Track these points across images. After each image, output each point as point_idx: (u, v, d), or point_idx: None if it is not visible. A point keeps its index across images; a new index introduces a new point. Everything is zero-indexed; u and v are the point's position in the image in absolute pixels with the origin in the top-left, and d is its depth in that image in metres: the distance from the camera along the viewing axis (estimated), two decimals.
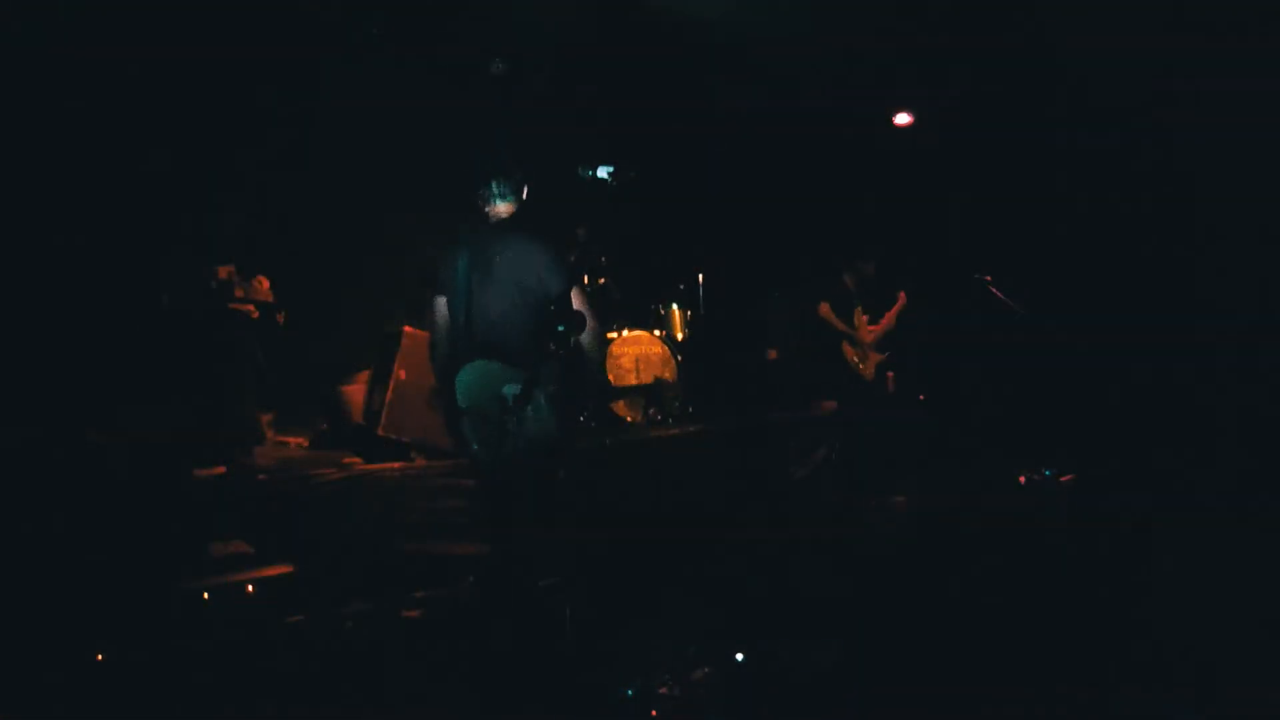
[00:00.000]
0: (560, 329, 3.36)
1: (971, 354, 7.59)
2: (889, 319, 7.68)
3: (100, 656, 3.58)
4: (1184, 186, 7.54)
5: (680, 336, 7.89)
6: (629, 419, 7.31)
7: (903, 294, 7.65)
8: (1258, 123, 6.88)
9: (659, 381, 7.48)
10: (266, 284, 5.43)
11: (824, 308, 7.56)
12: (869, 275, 7.59)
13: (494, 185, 3.87)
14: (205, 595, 4.11)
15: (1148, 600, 4.35)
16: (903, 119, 9.12)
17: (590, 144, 7.67)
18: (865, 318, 7.60)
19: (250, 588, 4.21)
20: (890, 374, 8.52)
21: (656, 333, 7.67)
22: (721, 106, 8.73)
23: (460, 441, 3.76)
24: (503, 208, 3.90)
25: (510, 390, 3.47)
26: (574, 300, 3.69)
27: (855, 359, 7.55)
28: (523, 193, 3.96)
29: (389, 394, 5.81)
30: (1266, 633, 3.79)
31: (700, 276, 8.14)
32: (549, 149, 7.56)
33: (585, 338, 3.63)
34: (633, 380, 7.39)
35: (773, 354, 8.83)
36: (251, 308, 5.36)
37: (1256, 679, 3.43)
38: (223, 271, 5.29)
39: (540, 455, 3.62)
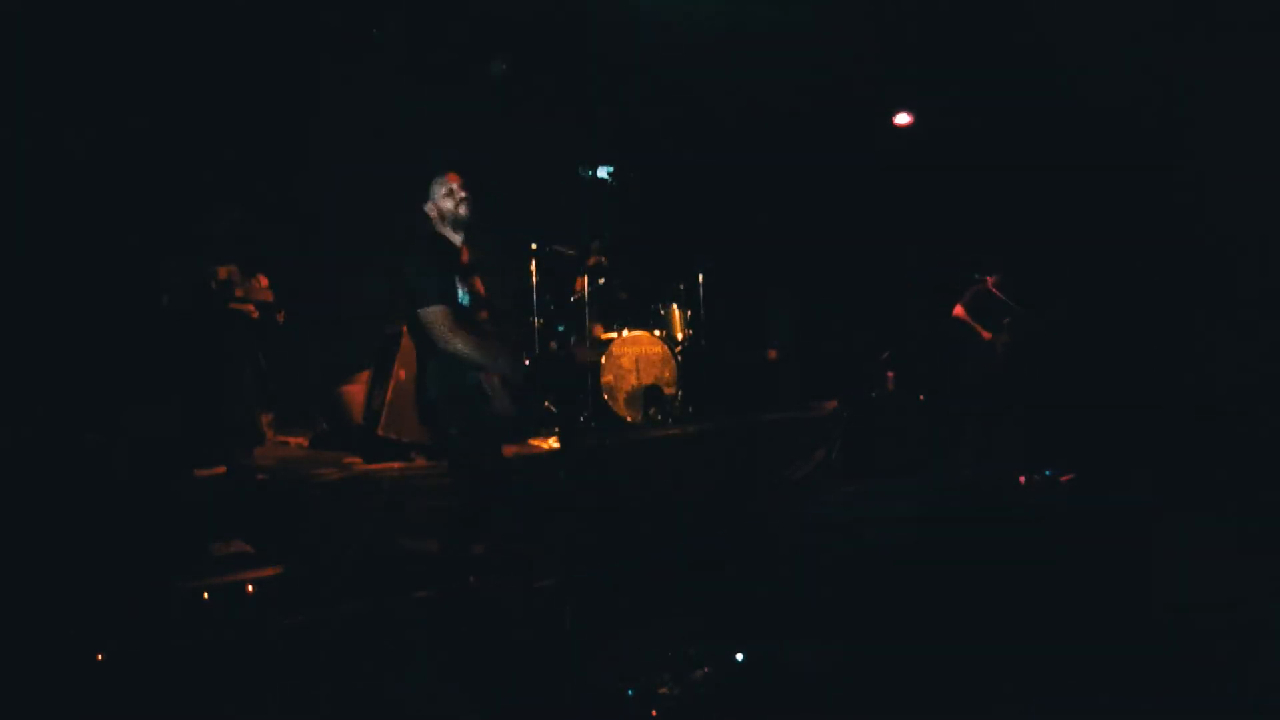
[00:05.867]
0: (560, 328, 3.41)
1: (973, 353, 7.58)
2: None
3: (100, 656, 3.57)
4: (1187, 184, 7.54)
5: (680, 336, 7.89)
6: (629, 419, 7.30)
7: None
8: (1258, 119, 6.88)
9: (659, 381, 7.48)
10: (266, 282, 5.44)
11: (959, 309, 7.64)
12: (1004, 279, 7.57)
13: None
14: (205, 595, 4.11)
15: (1147, 599, 4.34)
16: (903, 119, 9.11)
17: (590, 144, 7.69)
18: (1010, 325, 7.58)
19: (250, 588, 4.21)
20: (890, 374, 8.54)
21: (656, 333, 7.67)
22: (720, 106, 8.73)
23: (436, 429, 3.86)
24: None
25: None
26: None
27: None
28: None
29: (389, 394, 5.81)
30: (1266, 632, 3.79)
31: (700, 276, 8.14)
32: (550, 149, 7.62)
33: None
34: (633, 380, 7.38)
35: (773, 354, 8.84)
36: (251, 308, 5.36)
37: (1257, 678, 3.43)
38: (223, 271, 5.30)
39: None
